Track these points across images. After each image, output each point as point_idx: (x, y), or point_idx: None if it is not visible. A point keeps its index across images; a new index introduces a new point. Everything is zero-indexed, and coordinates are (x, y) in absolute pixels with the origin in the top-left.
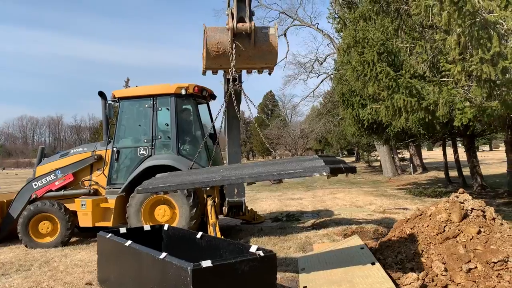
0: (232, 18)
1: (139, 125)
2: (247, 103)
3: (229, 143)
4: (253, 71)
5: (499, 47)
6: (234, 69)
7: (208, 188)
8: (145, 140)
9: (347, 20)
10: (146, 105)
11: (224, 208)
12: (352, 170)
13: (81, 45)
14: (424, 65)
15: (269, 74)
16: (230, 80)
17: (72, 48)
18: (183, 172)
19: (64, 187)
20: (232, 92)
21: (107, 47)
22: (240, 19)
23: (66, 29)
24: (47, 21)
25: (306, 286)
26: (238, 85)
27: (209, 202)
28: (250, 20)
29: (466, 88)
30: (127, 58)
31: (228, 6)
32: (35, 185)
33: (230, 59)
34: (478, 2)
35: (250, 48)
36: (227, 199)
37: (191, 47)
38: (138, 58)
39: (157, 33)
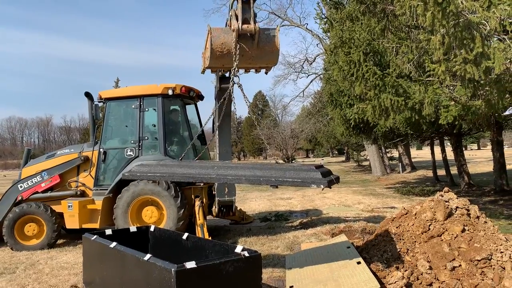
0: (237, 20)
1: (126, 126)
2: (246, 102)
3: (220, 142)
4: (250, 70)
5: (482, 47)
6: (236, 69)
7: (202, 184)
8: (132, 141)
9: (334, 20)
10: (133, 106)
11: (214, 208)
12: (338, 180)
13: (70, 45)
14: (410, 65)
15: (266, 73)
16: (231, 79)
17: (61, 49)
18: (174, 163)
19: (51, 189)
20: (231, 91)
21: (97, 48)
22: (244, 21)
23: (55, 29)
24: (36, 21)
25: (292, 286)
26: (238, 84)
27: (197, 202)
28: (254, 22)
29: (451, 87)
30: (117, 58)
31: (231, 7)
32: (21, 187)
33: (234, 59)
34: (462, 2)
35: (253, 48)
36: (217, 198)
37: (181, 48)
38: (128, 58)
39: (147, 33)
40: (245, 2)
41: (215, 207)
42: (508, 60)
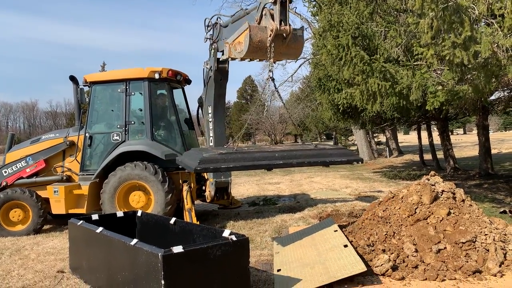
0: (273, 19)
1: (112, 110)
2: (278, 92)
3: (215, 122)
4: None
5: (471, 31)
6: (272, 65)
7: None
8: (118, 126)
9: (323, 3)
10: (119, 90)
11: (207, 193)
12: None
13: (55, 28)
14: (398, 49)
15: (274, 62)
16: (268, 74)
17: (46, 32)
18: (236, 152)
19: (36, 174)
20: (268, 84)
21: (83, 31)
22: (280, 21)
23: (39, 11)
24: (19, 3)
25: (280, 269)
26: (273, 78)
27: (185, 187)
28: (288, 23)
29: (439, 72)
30: (103, 42)
31: (264, 6)
32: (5, 172)
33: (269, 56)
34: None
35: (283, 46)
36: (214, 179)
37: (169, 31)
38: (115, 42)
39: (133, 16)
40: (282, 4)
41: (210, 191)
42: (495, 44)
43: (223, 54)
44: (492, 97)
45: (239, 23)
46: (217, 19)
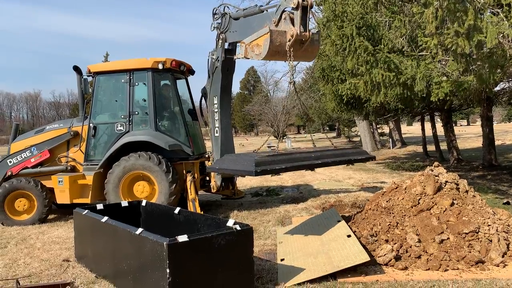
0: (293, 24)
1: (116, 101)
2: (296, 97)
3: (221, 113)
4: None
5: (474, 20)
6: (293, 69)
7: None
8: (122, 116)
9: None
10: (123, 80)
11: (214, 182)
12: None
13: (58, 18)
14: (403, 39)
15: (285, 61)
16: (290, 77)
17: (50, 22)
18: (281, 154)
19: (40, 164)
20: (291, 84)
21: (86, 21)
22: (299, 27)
23: (43, 2)
24: None
25: (283, 259)
26: (293, 81)
27: (189, 177)
28: (308, 29)
29: (443, 62)
30: (107, 32)
31: (284, 10)
32: (10, 162)
33: (288, 60)
34: None
35: (300, 50)
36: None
37: (173, 21)
38: (118, 32)
39: (137, 7)
40: (303, 11)
41: (216, 181)
42: (501, 35)
43: (229, 45)
44: (497, 88)
45: (253, 20)
46: (224, 9)
